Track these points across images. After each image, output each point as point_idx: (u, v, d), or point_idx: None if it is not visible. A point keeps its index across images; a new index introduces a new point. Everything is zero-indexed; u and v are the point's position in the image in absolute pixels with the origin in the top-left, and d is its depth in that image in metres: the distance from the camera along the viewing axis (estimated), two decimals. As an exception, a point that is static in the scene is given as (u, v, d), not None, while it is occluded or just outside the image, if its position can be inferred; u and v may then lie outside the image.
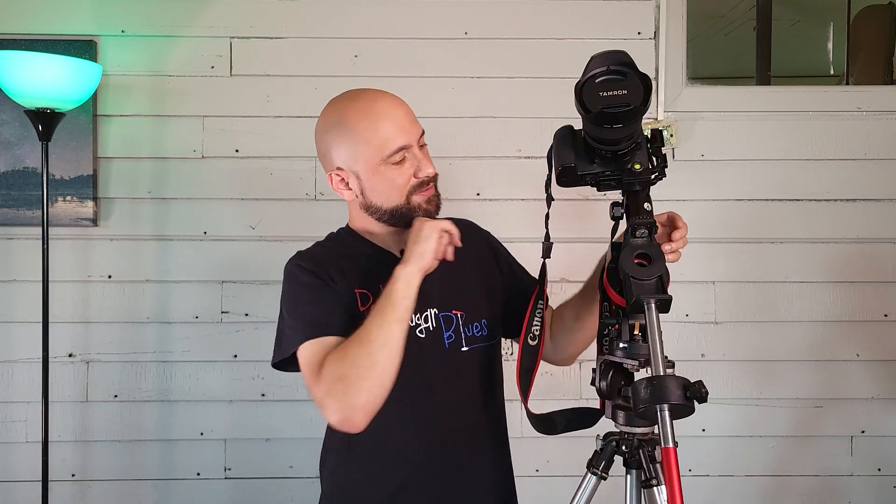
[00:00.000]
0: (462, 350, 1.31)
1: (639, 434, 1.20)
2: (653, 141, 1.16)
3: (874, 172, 2.18)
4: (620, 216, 1.17)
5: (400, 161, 1.24)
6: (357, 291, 1.26)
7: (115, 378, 2.15)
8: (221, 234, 2.15)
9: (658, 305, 1.04)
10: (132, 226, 2.14)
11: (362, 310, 1.25)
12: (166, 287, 2.15)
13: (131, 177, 2.15)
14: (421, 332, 1.28)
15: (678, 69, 2.16)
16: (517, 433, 1.45)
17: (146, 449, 2.16)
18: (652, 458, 1.19)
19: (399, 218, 1.28)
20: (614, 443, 1.23)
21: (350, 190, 1.28)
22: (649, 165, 1.13)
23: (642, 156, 1.13)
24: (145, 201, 2.15)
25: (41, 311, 1.98)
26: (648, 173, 1.13)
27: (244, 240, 2.15)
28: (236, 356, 2.16)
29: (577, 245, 1.37)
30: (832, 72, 4.71)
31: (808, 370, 2.19)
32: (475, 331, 1.34)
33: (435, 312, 1.31)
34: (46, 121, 1.91)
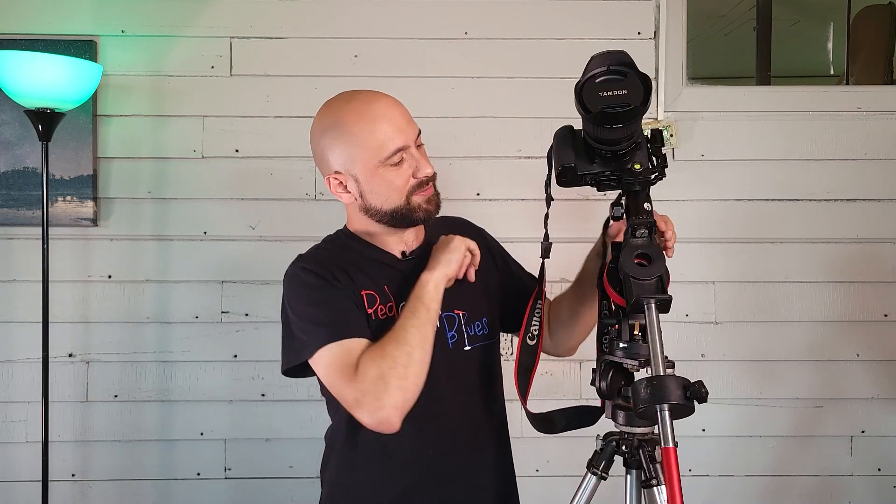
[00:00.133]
0: (465, 349, 1.32)
1: (639, 434, 1.20)
2: (653, 141, 1.16)
3: (874, 172, 2.18)
4: (620, 216, 1.17)
5: (398, 162, 1.23)
6: (364, 293, 1.25)
7: (115, 378, 2.15)
8: (221, 234, 2.15)
9: (658, 305, 1.04)
10: (132, 226, 2.14)
11: (370, 311, 1.24)
12: (166, 287, 2.15)
13: (131, 177, 2.15)
14: None
15: (678, 69, 2.16)
16: (517, 433, 1.45)
17: (146, 449, 2.16)
18: (652, 458, 1.19)
19: (399, 219, 1.27)
20: (614, 443, 1.23)
21: (349, 193, 1.27)
22: (649, 165, 1.14)
23: (642, 156, 1.13)
24: (145, 201, 2.15)
25: (41, 311, 1.98)
26: (648, 173, 1.13)
27: (244, 240, 2.15)
28: (236, 356, 2.16)
29: (577, 245, 1.36)
30: (832, 72, 4.72)
31: (808, 370, 2.19)
32: (477, 330, 1.34)
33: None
34: (46, 121, 1.91)
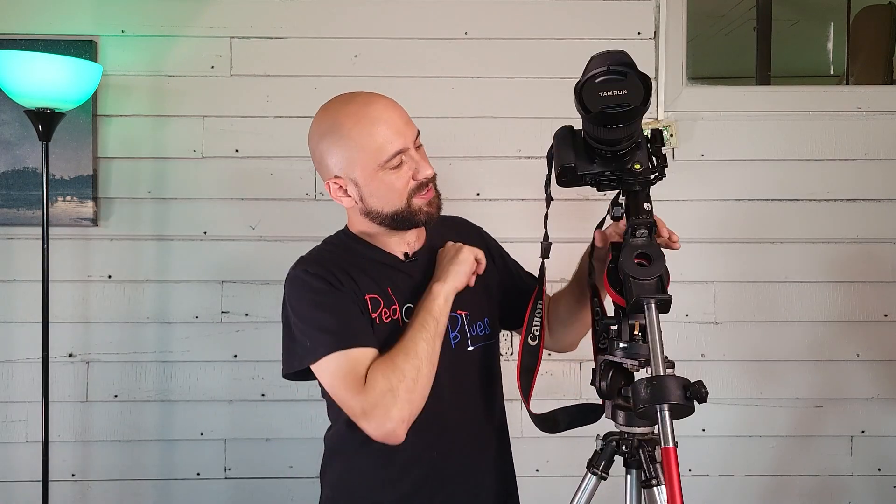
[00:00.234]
0: (468, 350, 1.32)
1: (639, 434, 1.20)
2: (653, 141, 1.16)
3: (874, 172, 2.18)
4: (620, 216, 1.17)
5: (397, 165, 1.22)
6: (367, 297, 1.25)
7: (115, 378, 2.15)
8: (221, 234, 2.15)
9: (658, 305, 1.04)
10: (132, 226, 2.14)
11: (374, 316, 1.24)
12: (166, 287, 2.15)
13: (131, 177, 2.15)
14: None
15: (678, 69, 2.16)
16: (517, 433, 1.45)
17: (146, 449, 2.16)
18: (652, 458, 1.19)
19: (400, 221, 1.26)
20: (614, 443, 1.23)
21: (349, 197, 1.26)
22: (649, 165, 1.13)
23: (642, 156, 1.13)
24: (145, 201, 2.15)
25: (41, 311, 1.98)
26: (648, 173, 1.13)
27: (244, 240, 2.15)
28: (236, 356, 2.16)
29: (578, 245, 1.36)
30: (832, 72, 4.72)
31: (808, 370, 2.19)
32: (479, 330, 1.34)
33: None
34: (46, 121, 1.91)
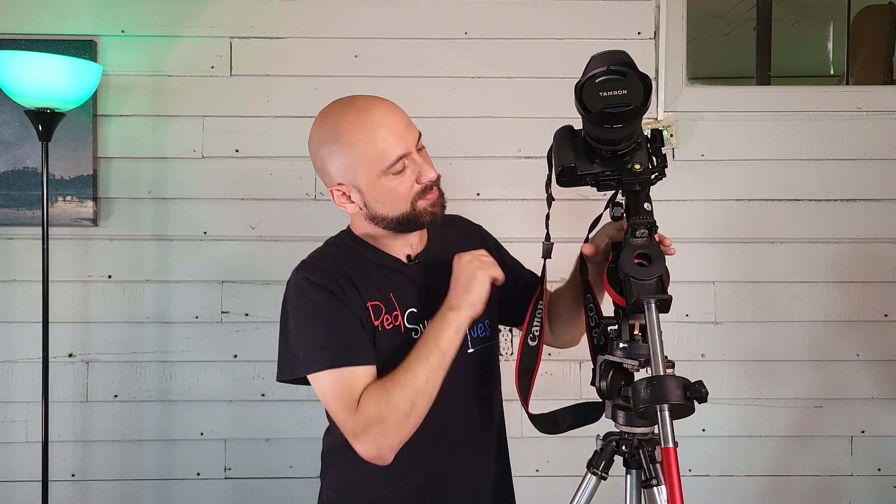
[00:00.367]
0: (468, 352, 1.31)
1: (639, 434, 1.20)
2: (653, 141, 1.16)
3: (874, 172, 2.18)
4: (620, 216, 1.17)
5: (401, 170, 1.21)
6: (370, 304, 1.23)
7: (115, 378, 2.15)
8: (221, 234, 2.15)
9: (658, 305, 1.04)
10: (132, 226, 2.14)
11: (376, 324, 1.23)
12: (166, 287, 2.15)
13: (131, 177, 2.15)
14: None
15: (678, 69, 2.16)
16: (517, 433, 1.45)
17: (146, 449, 2.16)
18: (652, 458, 1.19)
19: (405, 225, 1.25)
20: (614, 443, 1.23)
21: (353, 203, 1.25)
22: (649, 165, 1.13)
23: (642, 156, 1.13)
24: (145, 201, 2.15)
25: (41, 311, 1.98)
26: (648, 173, 1.13)
27: (244, 240, 2.15)
28: (236, 356, 2.16)
29: (578, 245, 1.36)
30: (832, 72, 4.72)
31: (808, 370, 2.19)
32: (479, 332, 1.34)
33: None
34: (46, 121, 1.91)
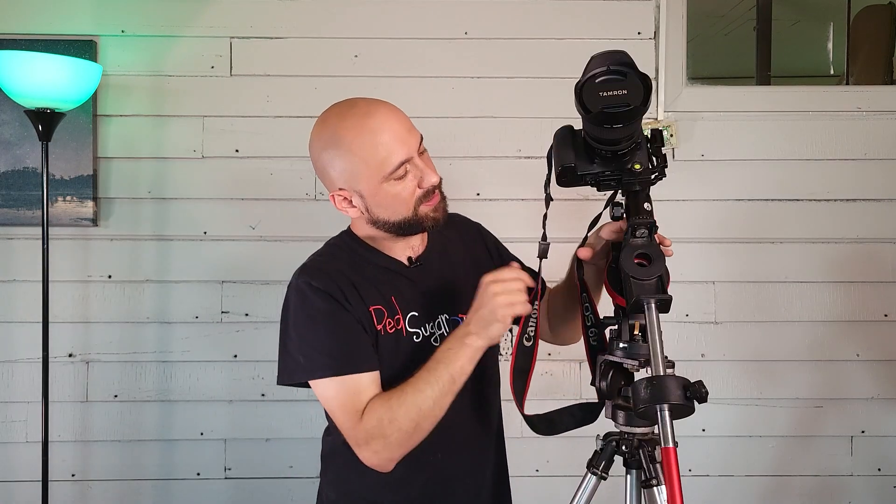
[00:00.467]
0: None
1: (639, 434, 1.20)
2: (653, 141, 1.16)
3: (874, 172, 2.18)
4: (620, 216, 1.17)
5: (402, 176, 1.20)
6: (372, 309, 1.23)
7: (115, 378, 2.15)
8: (221, 234, 2.15)
9: (658, 305, 1.04)
10: (132, 226, 2.14)
11: (378, 328, 1.23)
12: (166, 287, 2.15)
13: (131, 177, 2.15)
14: (435, 341, 1.28)
15: (678, 69, 2.16)
16: (517, 433, 1.45)
17: (146, 449, 2.16)
18: (652, 458, 1.19)
19: (407, 229, 1.25)
20: (614, 443, 1.23)
21: (355, 208, 1.24)
22: (649, 165, 1.13)
23: (642, 156, 1.13)
24: (145, 201, 2.15)
25: (41, 311, 1.98)
26: (648, 173, 1.12)
27: (244, 240, 2.15)
28: (236, 356, 2.16)
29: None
30: (832, 72, 4.72)
31: (808, 370, 2.19)
32: None
33: (445, 318, 1.31)
34: (46, 121, 1.91)
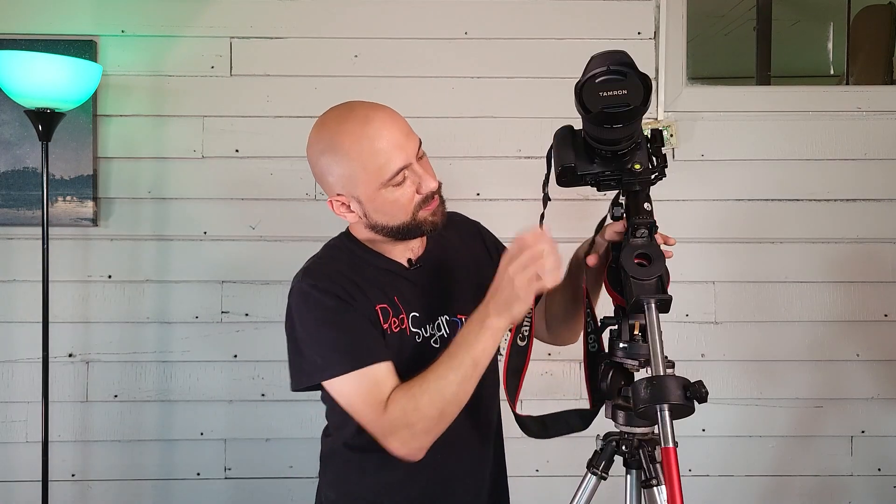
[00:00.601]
0: None
1: (639, 434, 1.20)
2: (653, 141, 1.16)
3: (874, 172, 2.18)
4: (620, 216, 1.17)
5: (401, 182, 1.19)
6: (378, 307, 1.23)
7: (115, 378, 2.15)
8: (221, 234, 2.15)
9: (658, 305, 1.04)
10: (132, 226, 2.14)
11: (384, 326, 1.22)
12: (166, 287, 2.15)
13: (131, 177, 2.15)
14: (436, 342, 1.27)
15: (678, 69, 2.16)
16: (517, 433, 1.44)
17: (146, 449, 2.16)
18: (652, 458, 1.19)
19: (406, 233, 1.24)
20: (614, 443, 1.23)
21: (353, 213, 1.24)
22: (649, 165, 1.13)
23: (642, 156, 1.13)
24: (145, 201, 2.15)
25: (41, 311, 1.98)
26: (648, 173, 1.13)
27: (244, 240, 2.15)
28: (236, 356, 2.16)
29: (577, 245, 1.36)
30: (832, 72, 4.72)
31: (808, 370, 2.19)
32: None
33: (446, 319, 1.30)
34: (46, 121, 1.91)
